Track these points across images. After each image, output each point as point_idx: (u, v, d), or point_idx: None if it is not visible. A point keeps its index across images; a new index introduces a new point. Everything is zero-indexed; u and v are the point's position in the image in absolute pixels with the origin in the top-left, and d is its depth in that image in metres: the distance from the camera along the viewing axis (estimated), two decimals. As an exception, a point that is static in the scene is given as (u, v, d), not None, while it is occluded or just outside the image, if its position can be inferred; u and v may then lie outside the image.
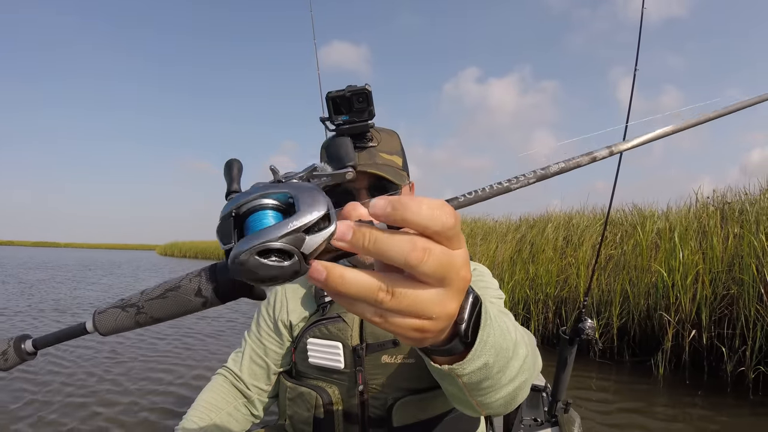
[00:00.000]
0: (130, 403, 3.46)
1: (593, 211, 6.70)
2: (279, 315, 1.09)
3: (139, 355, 4.88)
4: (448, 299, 0.32)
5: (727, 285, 3.95)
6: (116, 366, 4.46)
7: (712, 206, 4.75)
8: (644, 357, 4.38)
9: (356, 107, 0.88)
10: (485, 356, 0.46)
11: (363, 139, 0.95)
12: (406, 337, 0.33)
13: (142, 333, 5.93)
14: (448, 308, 0.32)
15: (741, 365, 3.66)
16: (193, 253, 40.57)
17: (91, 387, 3.80)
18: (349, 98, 0.87)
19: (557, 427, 1.87)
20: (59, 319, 6.91)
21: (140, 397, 3.61)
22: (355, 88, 0.87)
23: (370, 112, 0.89)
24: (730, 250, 4.09)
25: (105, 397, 3.58)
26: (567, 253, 5.66)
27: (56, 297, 9.47)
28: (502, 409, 0.60)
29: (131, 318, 0.48)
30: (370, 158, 0.95)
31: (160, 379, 4.11)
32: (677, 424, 3.08)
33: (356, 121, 0.90)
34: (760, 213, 4.06)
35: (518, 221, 7.50)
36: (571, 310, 5.23)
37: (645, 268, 4.62)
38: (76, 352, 4.84)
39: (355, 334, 0.97)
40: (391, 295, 0.30)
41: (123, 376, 4.13)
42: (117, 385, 3.87)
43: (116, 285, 12.94)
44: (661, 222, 5.00)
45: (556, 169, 0.45)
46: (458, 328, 0.42)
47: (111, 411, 3.32)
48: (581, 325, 1.89)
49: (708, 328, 3.95)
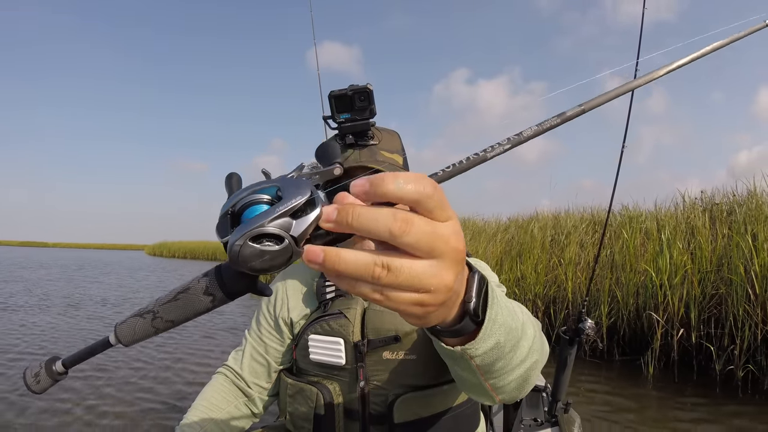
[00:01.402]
0: (126, 403, 3.39)
1: (581, 210, 6.76)
2: (280, 312, 1.10)
3: (137, 353, 4.79)
4: (443, 270, 0.32)
5: (715, 285, 4.01)
6: (112, 364, 4.38)
7: (701, 207, 4.81)
8: (634, 356, 4.42)
9: (357, 106, 0.91)
10: (496, 335, 0.47)
11: (364, 137, 0.96)
12: (408, 313, 0.34)
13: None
14: (445, 279, 0.32)
15: (730, 364, 3.71)
16: (182, 253, 40.18)
17: (87, 383, 3.72)
18: (351, 97, 0.90)
19: (557, 427, 1.87)
20: (69, 314, 6.78)
21: (137, 396, 3.55)
22: (357, 87, 0.90)
23: (371, 111, 0.91)
24: (719, 251, 4.14)
25: (101, 396, 3.51)
26: (554, 253, 5.70)
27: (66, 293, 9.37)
28: (516, 392, 0.61)
29: (148, 324, 0.50)
30: (371, 156, 0.96)
31: (157, 378, 4.05)
32: (667, 422, 3.10)
33: (358, 120, 0.92)
34: (748, 215, 4.13)
35: (507, 222, 7.55)
36: (560, 309, 5.26)
37: (633, 268, 4.67)
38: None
39: (356, 330, 0.97)
40: (387, 270, 0.30)
41: (120, 374, 4.05)
42: (113, 383, 3.80)
43: (115, 285, 12.72)
44: (649, 222, 5.06)
45: (529, 133, 0.45)
46: (467, 307, 0.42)
47: (107, 411, 3.25)
48: (581, 325, 1.89)
49: (697, 327, 4.00)
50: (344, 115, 0.91)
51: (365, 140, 0.96)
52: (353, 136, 0.94)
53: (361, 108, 0.90)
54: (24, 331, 5.90)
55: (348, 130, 0.93)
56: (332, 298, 1.03)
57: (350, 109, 0.90)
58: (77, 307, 8.06)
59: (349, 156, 0.96)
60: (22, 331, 5.84)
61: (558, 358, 1.93)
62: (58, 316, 7.13)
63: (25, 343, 5.21)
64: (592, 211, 6.50)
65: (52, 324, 6.42)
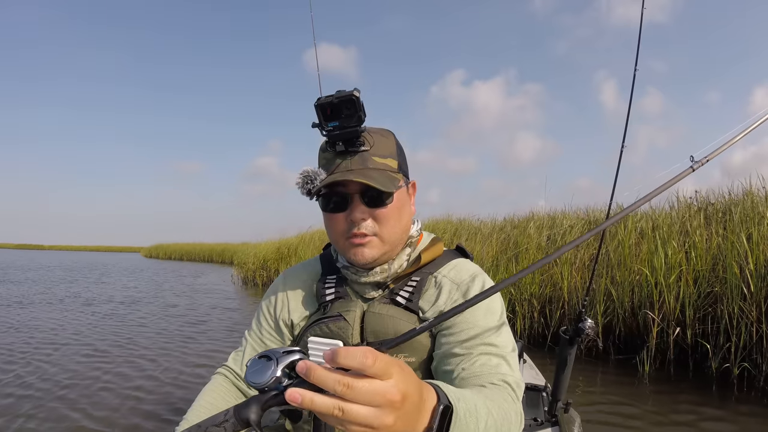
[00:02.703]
0: (123, 405, 3.37)
1: (577, 210, 6.79)
2: (280, 314, 1.09)
3: (134, 354, 4.76)
4: (383, 415, 0.47)
5: (711, 283, 4.03)
6: (108, 365, 4.35)
7: (696, 206, 4.84)
8: (629, 355, 4.44)
9: (344, 113, 0.88)
10: None
11: (354, 144, 0.94)
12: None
13: (139, 334, 5.83)
14: (385, 421, 0.47)
15: (725, 362, 3.73)
16: (179, 254, 40.04)
17: (83, 387, 3.69)
18: (338, 105, 0.88)
19: (557, 426, 1.87)
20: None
21: (136, 398, 3.53)
22: (343, 94, 0.87)
23: (359, 118, 0.89)
24: (713, 250, 4.17)
25: (96, 400, 3.48)
26: (551, 253, 5.70)
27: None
28: None
29: None
30: (362, 163, 0.94)
31: (155, 378, 4.03)
32: (663, 420, 3.12)
33: (346, 127, 0.90)
34: (743, 215, 4.15)
35: (503, 222, 7.57)
36: (556, 309, 5.27)
37: (629, 267, 4.69)
38: (61, 350, 4.70)
39: (356, 333, 0.97)
40: (341, 411, 0.46)
41: (117, 376, 4.02)
42: (109, 386, 3.77)
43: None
44: (644, 222, 5.08)
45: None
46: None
47: (104, 414, 3.23)
48: (581, 325, 1.89)
49: (692, 325, 4.03)
50: (332, 123, 0.90)
51: (356, 147, 0.94)
52: (343, 143, 0.93)
53: (348, 116, 0.88)
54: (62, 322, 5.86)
55: (336, 138, 0.92)
56: (332, 300, 1.02)
57: (338, 116, 0.89)
58: (90, 304, 8.01)
59: (340, 164, 0.95)
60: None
61: (558, 358, 1.93)
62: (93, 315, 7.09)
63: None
64: (588, 210, 6.54)
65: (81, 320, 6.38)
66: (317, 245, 11.51)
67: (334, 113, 0.89)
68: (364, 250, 0.96)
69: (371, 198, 0.94)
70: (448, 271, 1.04)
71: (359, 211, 0.94)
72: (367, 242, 0.96)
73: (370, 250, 0.96)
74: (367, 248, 0.96)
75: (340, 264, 1.06)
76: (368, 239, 0.95)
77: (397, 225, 0.98)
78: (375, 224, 0.96)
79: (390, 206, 0.96)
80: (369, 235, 0.95)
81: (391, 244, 0.99)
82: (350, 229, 0.95)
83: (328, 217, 0.98)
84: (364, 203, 0.94)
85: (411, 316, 0.97)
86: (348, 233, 0.96)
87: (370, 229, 0.95)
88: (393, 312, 0.97)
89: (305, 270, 1.15)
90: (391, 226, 0.97)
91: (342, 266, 1.05)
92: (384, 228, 0.96)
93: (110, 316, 7.44)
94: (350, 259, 0.98)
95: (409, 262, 1.04)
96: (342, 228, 0.96)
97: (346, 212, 0.95)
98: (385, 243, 0.97)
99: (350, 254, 0.97)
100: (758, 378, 3.54)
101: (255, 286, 13.62)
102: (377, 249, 0.97)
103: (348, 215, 0.95)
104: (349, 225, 0.95)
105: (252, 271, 14.17)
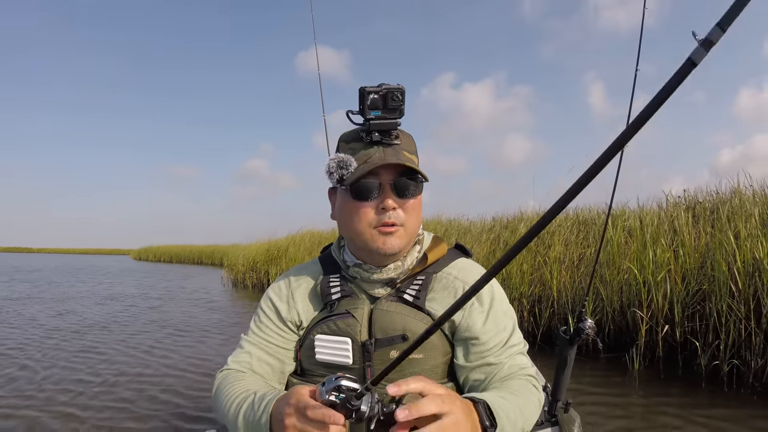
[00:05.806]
0: (120, 408, 3.28)
1: (566, 210, 6.83)
2: (287, 315, 1.09)
3: (133, 356, 4.67)
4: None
5: (699, 281, 4.08)
6: (106, 365, 4.24)
7: (684, 205, 4.90)
8: (619, 353, 4.48)
9: (390, 105, 0.93)
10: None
11: (390, 136, 0.97)
12: None
13: (139, 335, 5.72)
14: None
15: (715, 359, 3.78)
16: (168, 257, 39.61)
17: (82, 393, 3.60)
18: (384, 95, 0.93)
19: (557, 426, 1.86)
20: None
21: (136, 401, 3.43)
22: (391, 86, 0.93)
23: (401, 111, 0.95)
24: (702, 249, 4.22)
25: (92, 403, 3.39)
26: (539, 252, 5.75)
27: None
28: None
29: None
30: (395, 155, 0.98)
31: (153, 380, 3.92)
32: (652, 417, 3.14)
33: (388, 118, 0.95)
34: (731, 213, 4.21)
35: (492, 222, 7.61)
36: (545, 308, 5.30)
37: (617, 266, 4.73)
38: (60, 352, 4.59)
39: (363, 330, 0.98)
40: None
41: (115, 380, 3.93)
42: (107, 390, 3.67)
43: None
44: (632, 221, 5.14)
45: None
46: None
47: (102, 417, 3.16)
48: (581, 325, 1.89)
49: (681, 323, 4.07)
50: (375, 112, 0.94)
51: (390, 139, 0.97)
52: (379, 133, 0.96)
53: (392, 107, 0.93)
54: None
55: (377, 127, 0.95)
56: (338, 299, 1.03)
57: (382, 107, 0.93)
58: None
59: (375, 154, 0.97)
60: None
61: (558, 357, 1.93)
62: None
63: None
64: (576, 210, 6.58)
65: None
66: (307, 246, 11.47)
67: (379, 103, 0.93)
68: (393, 239, 0.98)
69: (400, 189, 0.97)
70: (458, 272, 1.06)
71: (392, 199, 0.96)
72: (395, 231, 0.98)
73: (399, 240, 0.98)
74: (395, 237, 0.98)
75: (351, 262, 1.06)
76: (396, 228, 0.98)
77: (419, 218, 1.02)
78: (403, 214, 0.98)
79: (417, 198, 1.00)
80: (397, 225, 0.98)
81: (411, 236, 1.02)
82: (380, 218, 0.97)
83: (355, 206, 0.98)
84: (395, 193, 0.97)
85: (418, 314, 0.99)
86: (377, 222, 0.97)
87: (399, 219, 0.98)
88: (401, 309, 0.99)
89: (306, 271, 1.15)
90: (415, 217, 1.01)
91: (353, 264, 1.05)
92: (410, 219, 0.99)
93: (97, 324, 7.29)
94: (378, 248, 0.98)
95: (417, 259, 1.06)
96: (371, 217, 0.98)
97: (377, 200, 0.97)
98: (408, 234, 1.00)
99: (378, 243, 0.98)
100: (747, 375, 3.59)
101: (245, 288, 13.48)
102: (403, 239, 0.99)
103: (379, 204, 0.97)
104: (380, 214, 0.97)
105: (242, 273, 14.03)
